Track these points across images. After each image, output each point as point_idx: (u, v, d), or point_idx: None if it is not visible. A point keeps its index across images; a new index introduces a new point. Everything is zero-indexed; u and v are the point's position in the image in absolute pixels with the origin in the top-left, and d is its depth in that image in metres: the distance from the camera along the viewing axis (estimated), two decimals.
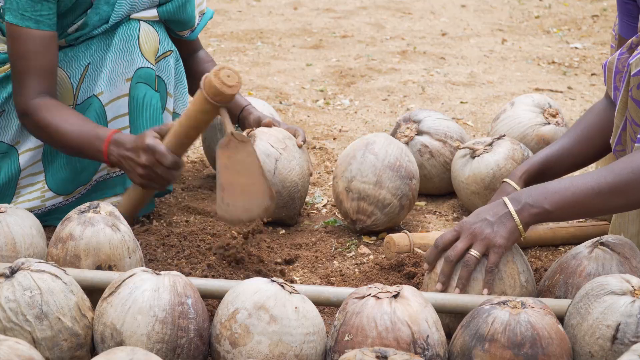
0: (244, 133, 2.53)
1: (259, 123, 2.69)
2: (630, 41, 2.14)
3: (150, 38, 2.52)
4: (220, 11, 5.76)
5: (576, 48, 4.99)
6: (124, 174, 2.57)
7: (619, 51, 2.18)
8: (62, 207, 2.57)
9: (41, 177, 2.55)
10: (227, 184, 2.07)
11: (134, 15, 2.50)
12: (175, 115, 2.70)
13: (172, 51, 2.61)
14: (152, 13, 2.55)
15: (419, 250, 2.37)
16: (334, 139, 3.45)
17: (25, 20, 2.36)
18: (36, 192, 2.54)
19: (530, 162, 2.33)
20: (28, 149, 2.53)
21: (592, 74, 4.44)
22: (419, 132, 2.85)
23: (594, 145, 2.34)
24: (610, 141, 2.24)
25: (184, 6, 2.59)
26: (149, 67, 2.51)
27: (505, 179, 2.32)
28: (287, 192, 2.58)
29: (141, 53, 2.50)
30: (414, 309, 1.78)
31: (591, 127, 2.35)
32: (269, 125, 2.66)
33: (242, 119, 2.76)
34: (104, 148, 2.34)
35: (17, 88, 2.41)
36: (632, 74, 2.04)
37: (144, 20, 2.53)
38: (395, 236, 2.41)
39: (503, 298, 1.80)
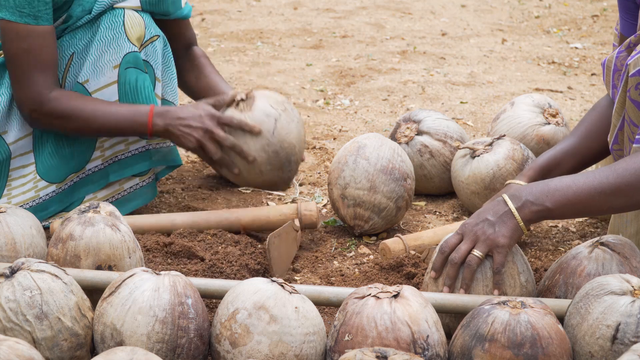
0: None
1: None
2: (628, 40, 2.14)
3: (135, 23, 2.52)
4: (220, 11, 5.75)
5: (576, 48, 4.98)
6: (119, 162, 2.58)
7: (617, 49, 2.18)
8: (55, 197, 2.56)
9: (32, 168, 2.55)
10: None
11: (117, 5, 2.51)
12: (164, 100, 2.70)
13: (159, 36, 2.60)
14: (135, 3, 2.55)
15: (414, 253, 2.37)
16: (334, 139, 3.45)
17: (24, 17, 2.37)
18: (29, 184, 2.54)
19: (534, 166, 2.33)
20: (18, 139, 2.53)
21: (592, 74, 4.44)
22: (419, 132, 2.85)
23: (598, 143, 2.33)
24: (608, 139, 2.24)
25: None
26: (136, 52, 2.51)
27: (510, 181, 2.32)
28: (285, 153, 2.53)
29: (127, 39, 2.51)
30: (414, 309, 1.78)
31: (595, 125, 2.34)
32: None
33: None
34: (147, 120, 2.46)
35: (24, 84, 2.43)
36: (630, 74, 2.03)
37: (128, 8, 2.53)
38: (389, 242, 2.40)
39: (503, 298, 1.80)
